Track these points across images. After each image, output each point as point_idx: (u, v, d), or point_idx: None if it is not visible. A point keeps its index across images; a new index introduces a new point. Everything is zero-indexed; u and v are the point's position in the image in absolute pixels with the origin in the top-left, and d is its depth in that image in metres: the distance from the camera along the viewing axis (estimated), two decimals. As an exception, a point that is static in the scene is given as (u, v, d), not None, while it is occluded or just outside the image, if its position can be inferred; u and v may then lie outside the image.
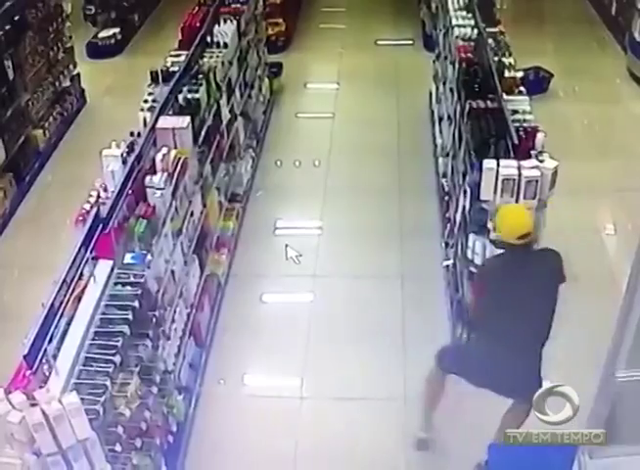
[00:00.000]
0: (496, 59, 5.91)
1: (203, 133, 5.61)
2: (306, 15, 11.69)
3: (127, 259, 4.10)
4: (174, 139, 4.97)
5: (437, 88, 7.86)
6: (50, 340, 3.37)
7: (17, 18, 7.46)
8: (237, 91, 6.94)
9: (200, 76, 5.87)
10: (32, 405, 3.07)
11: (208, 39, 6.57)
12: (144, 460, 3.82)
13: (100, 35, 10.46)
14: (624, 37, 9.72)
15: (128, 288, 3.93)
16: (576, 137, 7.98)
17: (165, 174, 4.55)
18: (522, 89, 5.66)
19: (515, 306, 4.10)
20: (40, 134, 7.96)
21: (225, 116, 6.40)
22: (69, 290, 3.57)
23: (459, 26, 6.84)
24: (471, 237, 4.87)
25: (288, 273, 6.31)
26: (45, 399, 3.09)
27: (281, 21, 10.31)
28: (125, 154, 4.54)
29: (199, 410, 5.02)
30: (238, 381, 5.37)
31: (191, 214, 5.11)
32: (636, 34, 9.16)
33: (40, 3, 7.98)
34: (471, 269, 4.92)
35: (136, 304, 3.83)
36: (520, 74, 5.90)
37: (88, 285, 3.81)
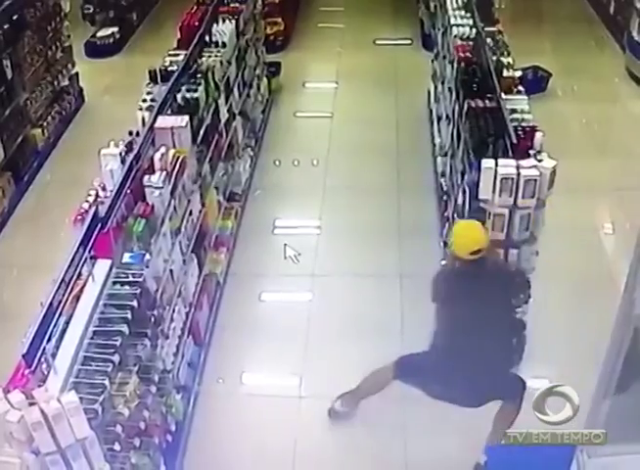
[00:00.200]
0: (495, 58, 5.91)
1: (201, 132, 5.60)
2: (305, 14, 11.68)
3: (126, 259, 4.09)
4: (173, 138, 4.97)
5: (436, 87, 7.86)
6: (49, 339, 3.37)
7: (15, 17, 7.45)
8: (235, 90, 6.94)
9: (198, 76, 5.87)
10: (31, 404, 3.06)
11: (207, 38, 6.56)
12: (143, 459, 3.82)
13: (98, 34, 10.46)
14: (623, 36, 9.71)
15: (127, 287, 3.92)
16: (575, 136, 7.99)
17: (164, 174, 4.54)
18: (520, 88, 5.65)
19: (466, 320, 4.13)
20: (39, 133, 7.95)
21: (224, 115, 6.40)
22: (68, 289, 3.56)
23: (458, 26, 6.83)
24: (469, 236, 4.86)
25: (287, 272, 6.31)
26: (44, 399, 3.09)
27: (280, 20, 10.29)
28: (124, 153, 4.53)
29: (197, 409, 5.02)
30: (237, 380, 5.38)
31: (190, 214, 5.11)
32: (635, 34, 9.16)
33: (39, 2, 7.96)
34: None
35: (135, 303, 3.83)
36: (518, 74, 5.88)
37: (87, 284, 3.81)
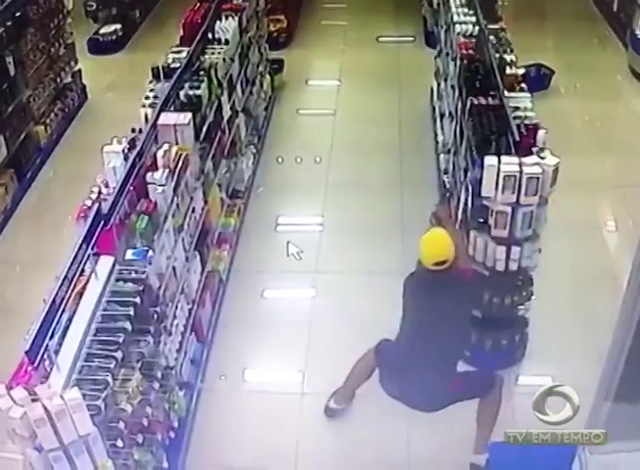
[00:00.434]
0: (497, 55, 5.90)
1: (204, 130, 5.60)
2: (308, 11, 11.67)
3: (129, 256, 4.10)
4: (176, 135, 4.97)
5: (439, 85, 7.85)
6: (52, 336, 3.37)
7: (18, 14, 7.45)
8: (238, 87, 6.94)
9: (201, 73, 5.87)
10: (34, 401, 3.07)
11: (210, 36, 6.56)
12: (145, 456, 3.82)
13: (101, 31, 10.45)
14: (626, 34, 9.69)
15: (130, 284, 3.93)
16: (578, 134, 7.97)
17: (167, 171, 4.54)
18: (523, 86, 5.65)
19: (421, 327, 4.23)
20: (42, 130, 7.95)
21: (226, 112, 6.39)
22: (71, 286, 3.56)
23: (460, 23, 6.82)
24: (472, 233, 4.86)
25: (289, 269, 6.31)
26: (47, 395, 3.09)
27: (282, 17, 10.29)
28: (127, 150, 4.54)
29: (200, 406, 5.02)
30: (239, 377, 5.38)
31: (192, 211, 5.11)
32: (638, 31, 9.13)
33: (41, -1, 7.97)
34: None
35: (137, 300, 3.83)
36: (521, 71, 5.89)
37: (90, 281, 3.81)
